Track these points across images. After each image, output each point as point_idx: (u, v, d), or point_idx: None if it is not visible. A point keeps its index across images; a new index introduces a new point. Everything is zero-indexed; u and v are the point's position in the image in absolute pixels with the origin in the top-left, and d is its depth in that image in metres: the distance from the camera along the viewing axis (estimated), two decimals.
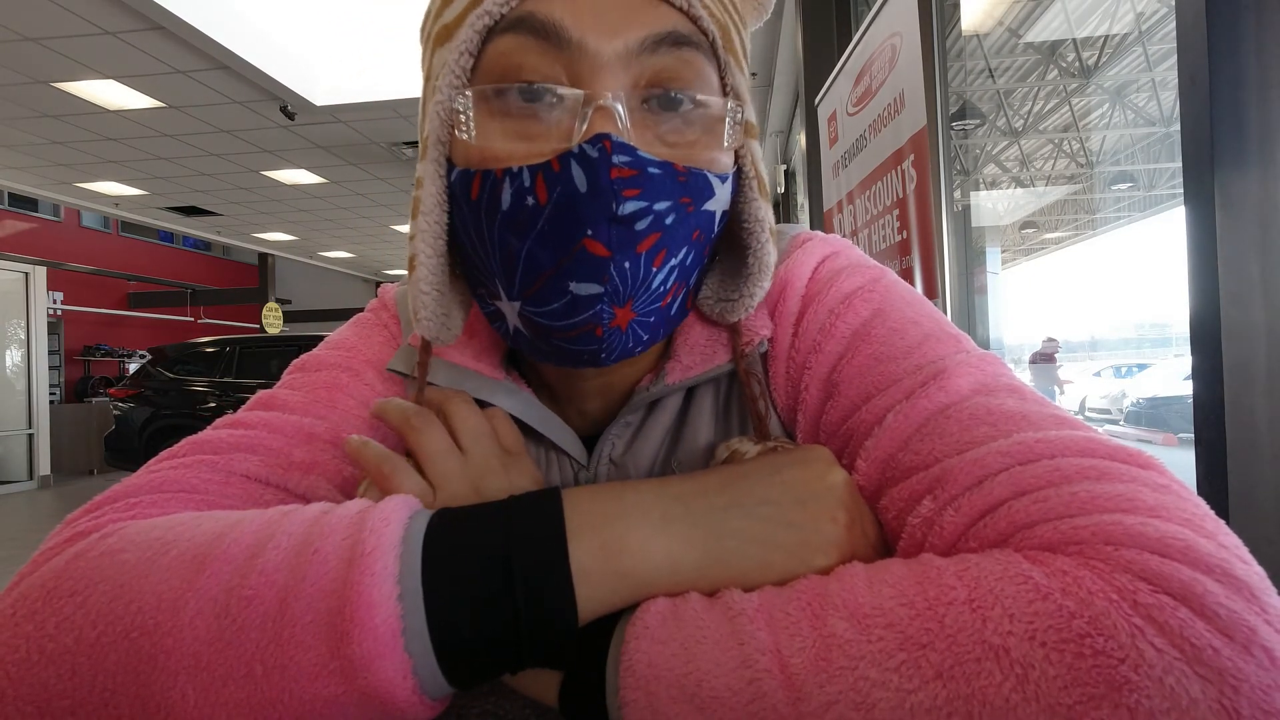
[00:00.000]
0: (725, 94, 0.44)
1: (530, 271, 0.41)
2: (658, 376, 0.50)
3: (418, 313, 0.46)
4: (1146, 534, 0.29)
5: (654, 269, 0.41)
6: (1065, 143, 9.16)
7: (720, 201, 0.44)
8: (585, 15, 0.40)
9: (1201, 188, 0.88)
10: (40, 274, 8.34)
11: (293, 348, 6.94)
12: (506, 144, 0.40)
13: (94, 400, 9.87)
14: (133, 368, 10.11)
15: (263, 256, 12.95)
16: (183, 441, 0.48)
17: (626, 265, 0.40)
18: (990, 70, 6.78)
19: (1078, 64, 6.93)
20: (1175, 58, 0.91)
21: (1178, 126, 0.91)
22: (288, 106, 5.92)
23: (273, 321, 11.07)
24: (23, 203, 10.71)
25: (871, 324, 0.46)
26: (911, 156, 1.77)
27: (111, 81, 5.48)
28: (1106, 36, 6.47)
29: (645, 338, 0.45)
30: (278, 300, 12.25)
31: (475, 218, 0.42)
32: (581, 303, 0.40)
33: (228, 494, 0.45)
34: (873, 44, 2.03)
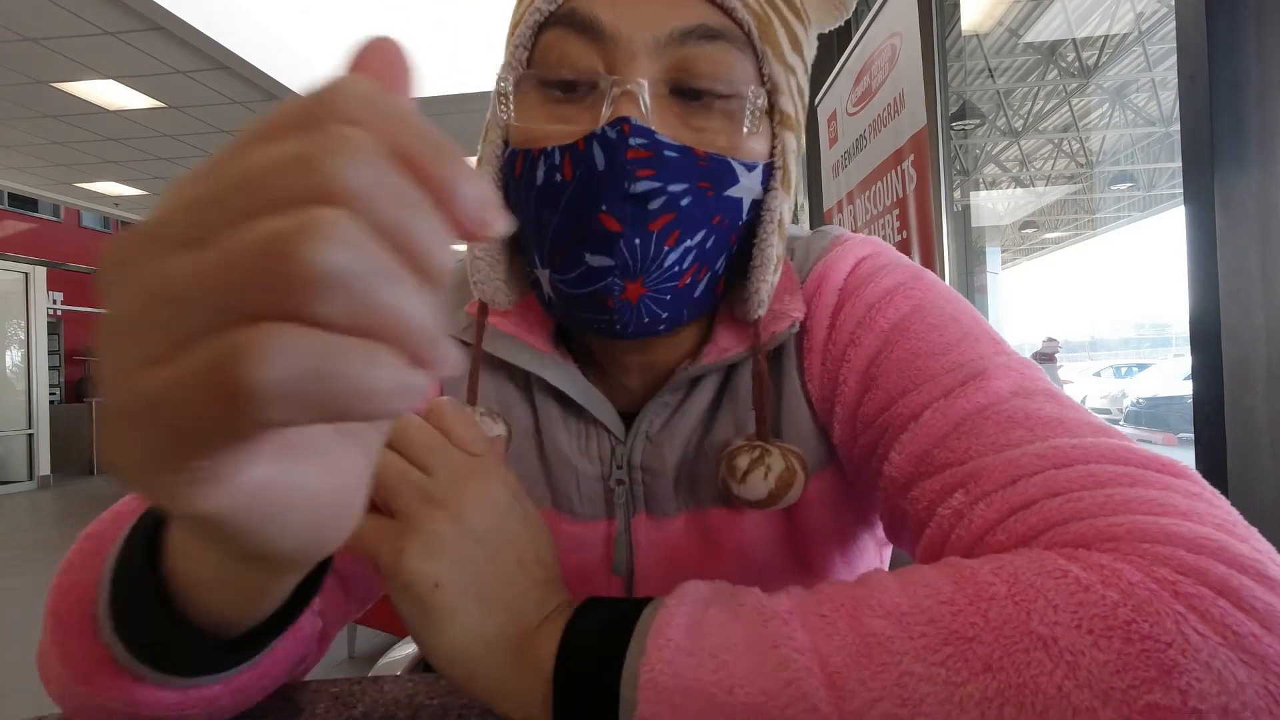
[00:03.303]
0: (763, 84, 0.46)
1: (557, 241, 0.44)
2: (696, 357, 0.52)
3: (473, 276, 0.50)
4: (1181, 534, 0.30)
5: (666, 248, 0.43)
6: (1065, 143, 9.16)
7: (746, 189, 0.46)
8: (621, 9, 0.43)
9: (1201, 188, 0.88)
10: (40, 274, 8.34)
11: None
12: (544, 125, 0.44)
13: (94, 400, 9.86)
14: None
15: None
16: None
17: (637, 241, 0.42)
18: (990, 70, 6.78)
19: (1078, 64, 6.93)
20: (1175, 58, 0.91)
21: (1178, 126, 0.91)
22: None
23: None
24: (23, 203, 10.70)
25: (910, 319, 0.47)
26: (911, 156, 1.77)
27: (111, 81, 5.48)
28: (1106, 36, 6.47)
29: (663, 315, 0.46)
30: None
31: (518, 192, 0.46)
32: (594, 273, 0.43)
33: None
34: (872, 44, 2.03)
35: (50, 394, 8.80)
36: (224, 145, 0.18)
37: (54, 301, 10.43)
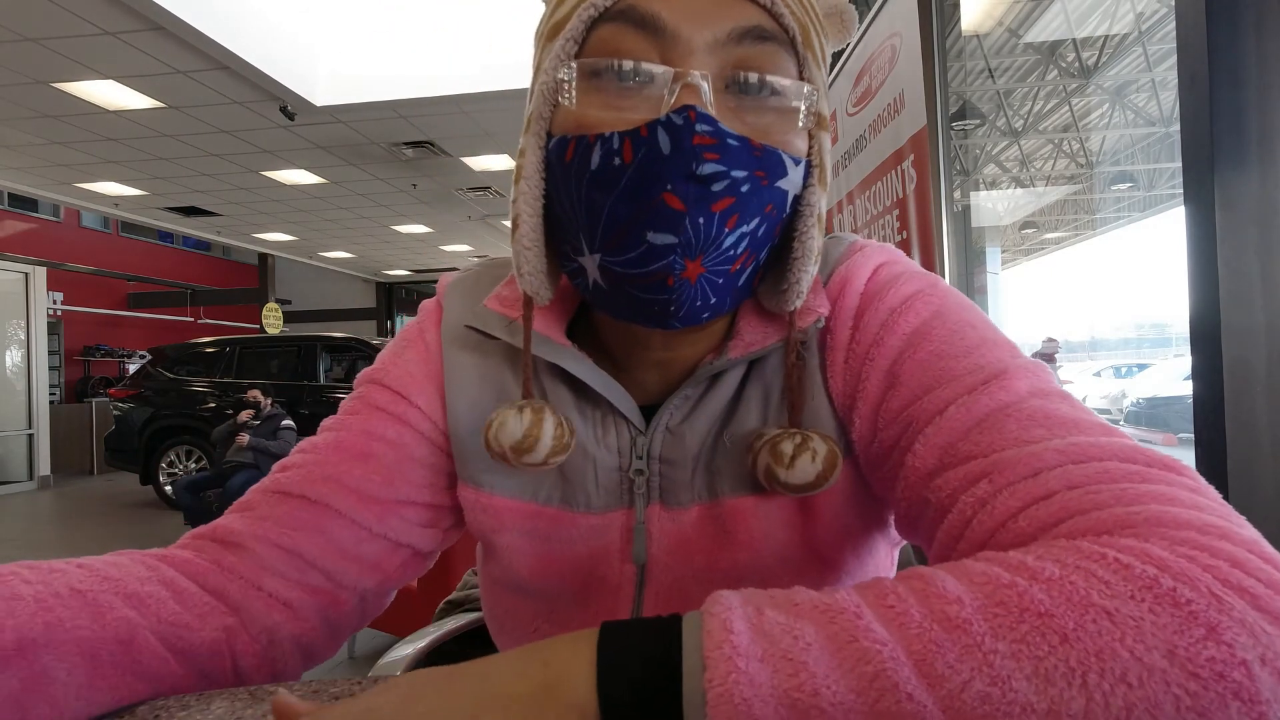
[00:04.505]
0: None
1: (612, 223, 0.45)
2: (721, 352, 0.54)
3: (521, 268, 0.51)
4: (1191, 520, 0.33)
5: (726, 230, 0.45)
6: (1065, 143, 9.16)
7: (792, 183, 0.48)
8: (680, 9, 0.45)
9: (1201, 188, 0.88)
10: (40, 274, 8.34)
11: (293, 348, 6.93)
12: (601, 113, 0.45)
13: (94, 400, 9.87)
14: (133, 368, 10.11)
15: (263, 256, 12.96)
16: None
17: (700, 221, 0.44)
18: (990, 70, 6.78)
19: (1078, 64, 6.93)
20: (1175, 58, 0.91)
21: (1178, 126, 0.91)
22: (288, 107, 5.92)
23: (273, 322, 11.07)
24: (23, 203, 10.70)
25: (932, 323, 0.50)
26: (911, 156, 1.77)
27: (111, 81, 5.48)
28: (1106, 36, 6.47)
29: (713, 300, 0.48)
30: (278, 300, 12.26)
31: (567, 178, 0.47)
32: (657, 251, 0.44)
33: (263, 514, 0.55)
34: (872, 44, 2.03)
35: (50, 394, 8.80)
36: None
37: (54, 301, 10.44)
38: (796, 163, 0.48)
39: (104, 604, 0.46)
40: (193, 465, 6.72)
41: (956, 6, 2.20)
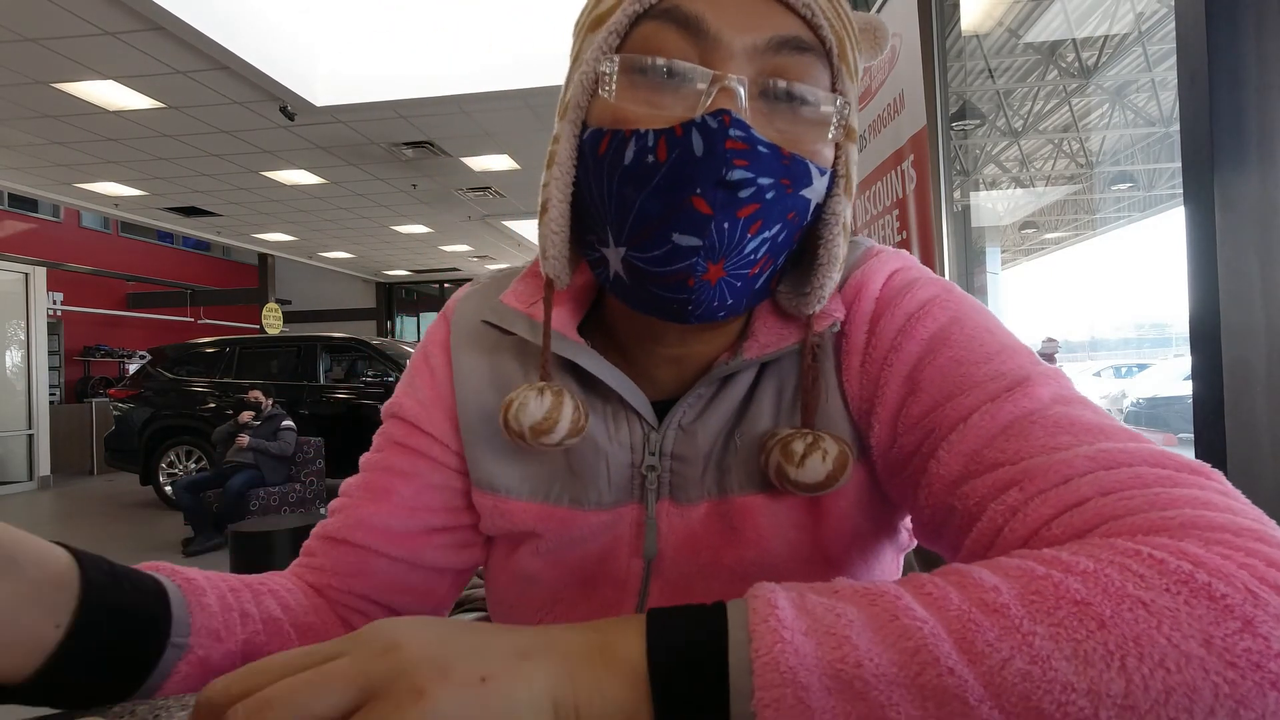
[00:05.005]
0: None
1: (640, 220, 0.46)
2: (735, 353, 0.55)
3: (546, 251, 0.53)
4: (1225, 524, 0.33)
5: (749, 235, 0.46)
6: (1065, 143, 9.16)
7: (816, 192, 0.49)
8: (723, 12, 0.46)
9: (1201, 188, 0.88)
10: (40, 274, 8.34)
11: (293, 348, 6.93)
12: (638, 108, 0.46)
13: (94, 400, 9.87)
14: (133, 368, 10.10)
15: (263, 257, 12.95)
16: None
17: (725, 226, 0.45)
18: (990, 70, 6.78)
19: (1078, 64, 6.93)
20: (1175, 58, 0.91)
21: (1178, 126, 0.91)
22: (288, 107, 5.91)
23: (273, 322, 11.07)
24: (23, 203, 10.71)
25: (950, 329, 0.50)
26: (911, 156, 1.77)
27: (111, 82, 5.48)
28: (1106, 36, 6.47)
29: (730, 302, 0.49)
30: (278, 300, 12.25)
31: (599, 170, 0.48)
32: (680, 252, 0.46)
33: (322, 563, 0.59)
34: None
35: (50, 394, 8.80)
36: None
37: (54, 301, 10.44)
38: (822, 173, 0.49)
39: (285, 635, 0.53)
40: (193, 465, 6.71)
41: (956, 6, 2.20)
